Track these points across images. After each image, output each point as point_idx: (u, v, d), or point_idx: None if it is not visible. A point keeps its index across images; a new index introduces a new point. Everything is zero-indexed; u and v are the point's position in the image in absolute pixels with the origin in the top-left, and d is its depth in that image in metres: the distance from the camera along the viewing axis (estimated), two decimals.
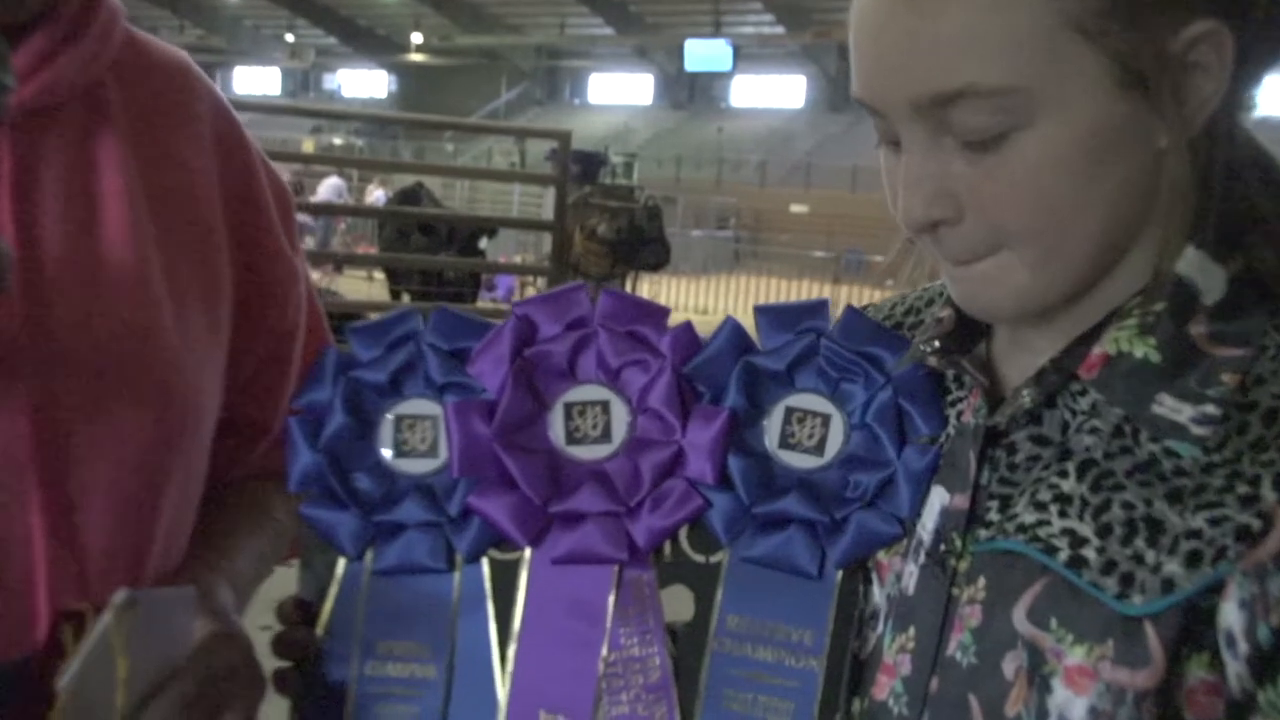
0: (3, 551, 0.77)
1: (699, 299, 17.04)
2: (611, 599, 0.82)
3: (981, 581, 0.73)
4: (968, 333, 0.81)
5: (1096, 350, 0.72)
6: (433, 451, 0.83)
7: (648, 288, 12.43)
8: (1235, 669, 0.65)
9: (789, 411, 0.82)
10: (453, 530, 0.82)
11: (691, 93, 39.39)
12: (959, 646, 0.73)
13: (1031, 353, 0.77)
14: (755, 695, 0.81)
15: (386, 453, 0.84)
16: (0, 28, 0.74)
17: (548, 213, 9.96)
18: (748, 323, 0.85)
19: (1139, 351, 0.71)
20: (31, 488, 0.78)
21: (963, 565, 0.75)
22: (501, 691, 0.81)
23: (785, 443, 0.82)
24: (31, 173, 0.80)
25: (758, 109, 38.36)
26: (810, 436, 0.82)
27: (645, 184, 15.70)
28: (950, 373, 0.82)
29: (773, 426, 0.82)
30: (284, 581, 0.90)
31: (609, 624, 0.81)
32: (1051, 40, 0.66)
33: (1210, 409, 0.68)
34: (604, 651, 0.81)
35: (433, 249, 10.45)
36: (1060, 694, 0.68)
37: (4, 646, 0.77)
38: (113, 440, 0.81)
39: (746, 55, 36.27)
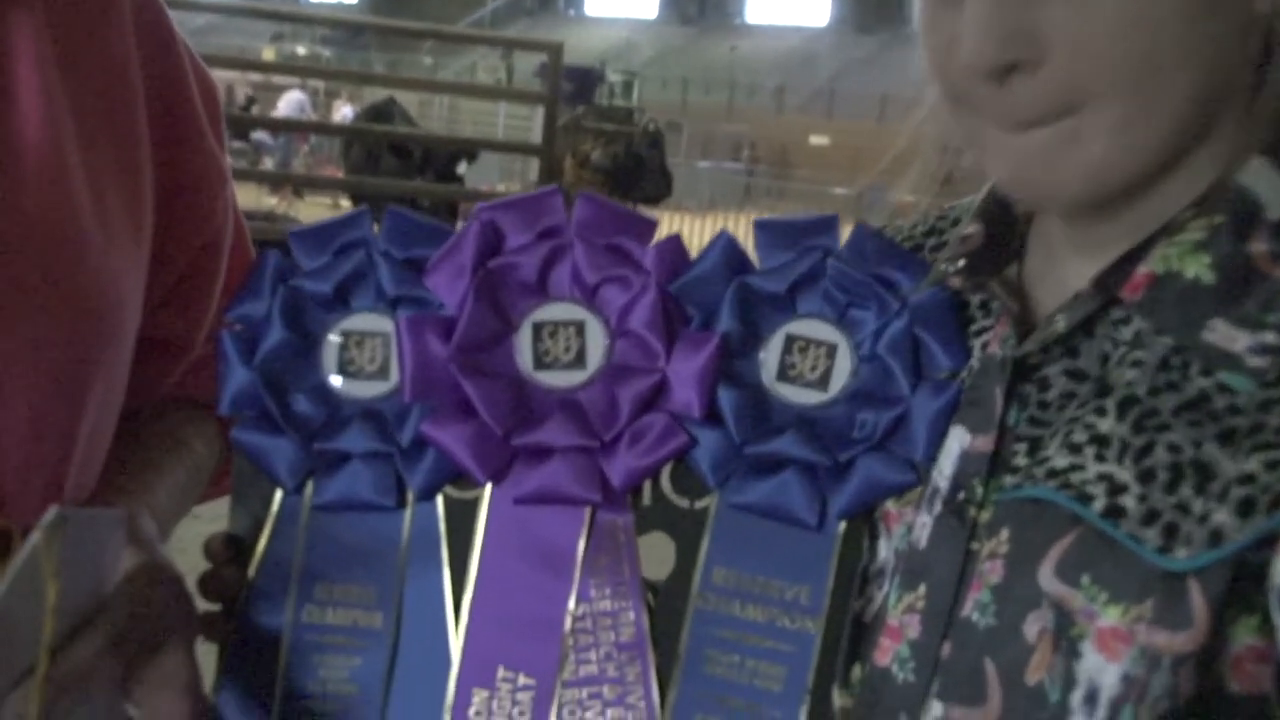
0: None
1: (704, 238, 16.93)
2: (581, 546, 0.81)
3: (1005, 533, 0.72)
4: (997, 252, 0.80)
5: (1142, 269, 0.70)
6: (383, 373, 0.82)
7: None
8: None
9: (789, 340, 0.81)
10: (404, 462, 0.81)
11: (702, 6, 39.18)
12: (976, 606, 0.73)
13: (1070, 274, 0.76)
14: (742, 659, 0.80)
15: (330, 373, 0.82)
16: None
17: (536, 136, 9.87)
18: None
19: (1190, 271, 0.69)
20: None
21: (984, 515, 0.74)
22: (455, 645, 0.80)
23: (784, 375, 0.81)
24: None
25: (776, 27, 38.15)
26: (813, 368, 0.81)
27: (647, 107, 15.60)
28: (975, 299, 0.81)
29: (770, 356, 0.81)
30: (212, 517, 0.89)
31: (578, 574, 0.80)
32: None
33: (1270, 338, 0.66)
34: (571, 604, 0.80)
35: (405, 173, 10.40)
36: (1090, 659, 0.67)
37: None
38: (30, 347, 0.80)
39: None
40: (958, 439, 0.77)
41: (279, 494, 0.83)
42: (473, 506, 0.82)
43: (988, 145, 0.73)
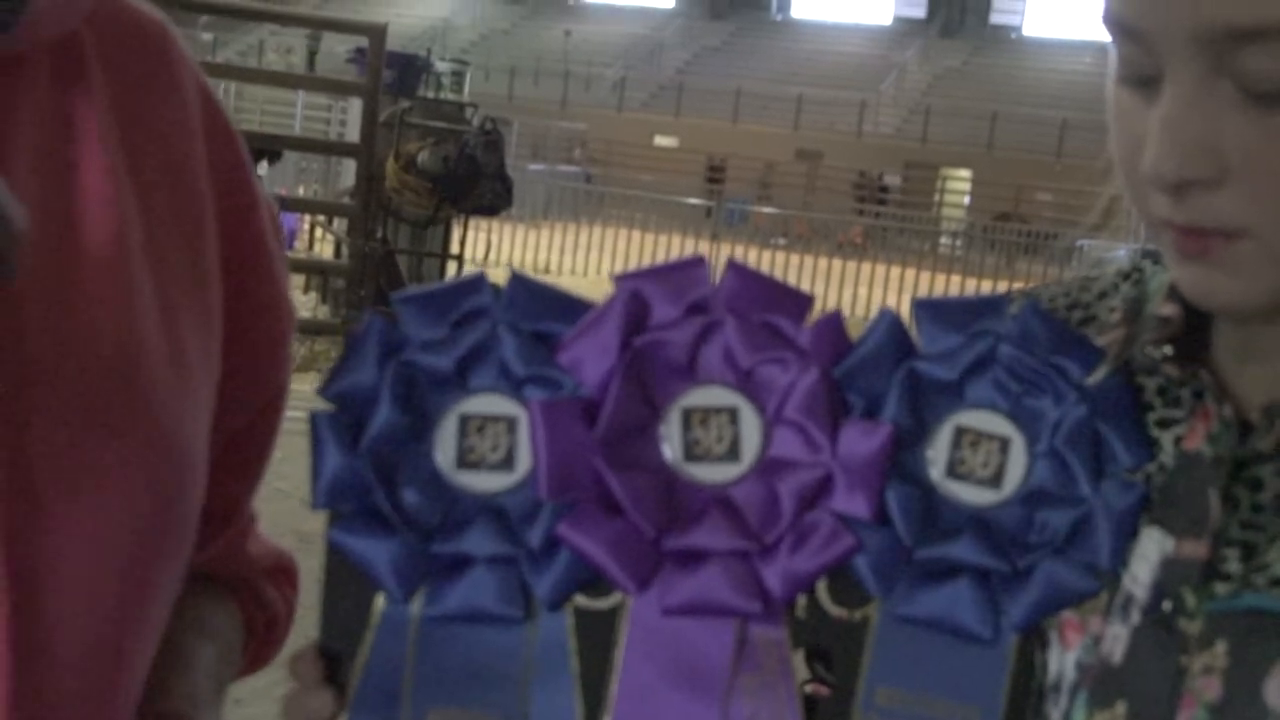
0: None
1: (540, 253, 17.06)
2: (732, 662, 0.82)
3: (1220, 647, 0.76)
4: (1197, 337, 0.84)
5: None
6: (507, 464, 0.83)
7: (478, 237, 12.34)
8: None
9: (959, 432, 0.84)
10: (531, 567, 0.82)
11: None
12: None
13: (1269, 363, 0.81)
14: None
15: (446, 462, 0.83)
16: None
17: (351, 134, 9.77)
18: (598, 292, 0.85)
19: None
20: None
21: (1194, 627, 0.78)
22: None
23: (953, 471, 0.84)
24: None
25: (616, 8, 38.46)
26: (984, 464, 0.84)
27: (476, 101, 15.57)
28: (1152, 384, 0.85)
29: (939, 450, 0.84)
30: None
31: (729, 695, 0.82)
32: None
33: None
34: None
35: None
36: None
37: None
38: (95, 487, 0.78)
39: None
40: (1155, 543, 0.81)
41: (380, 601, 0.83)
42: (608, 618, 0.83)
43: (1164, 244, 0.78)
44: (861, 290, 15.48)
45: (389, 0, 38.87)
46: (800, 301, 0.86)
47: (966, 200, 28.97)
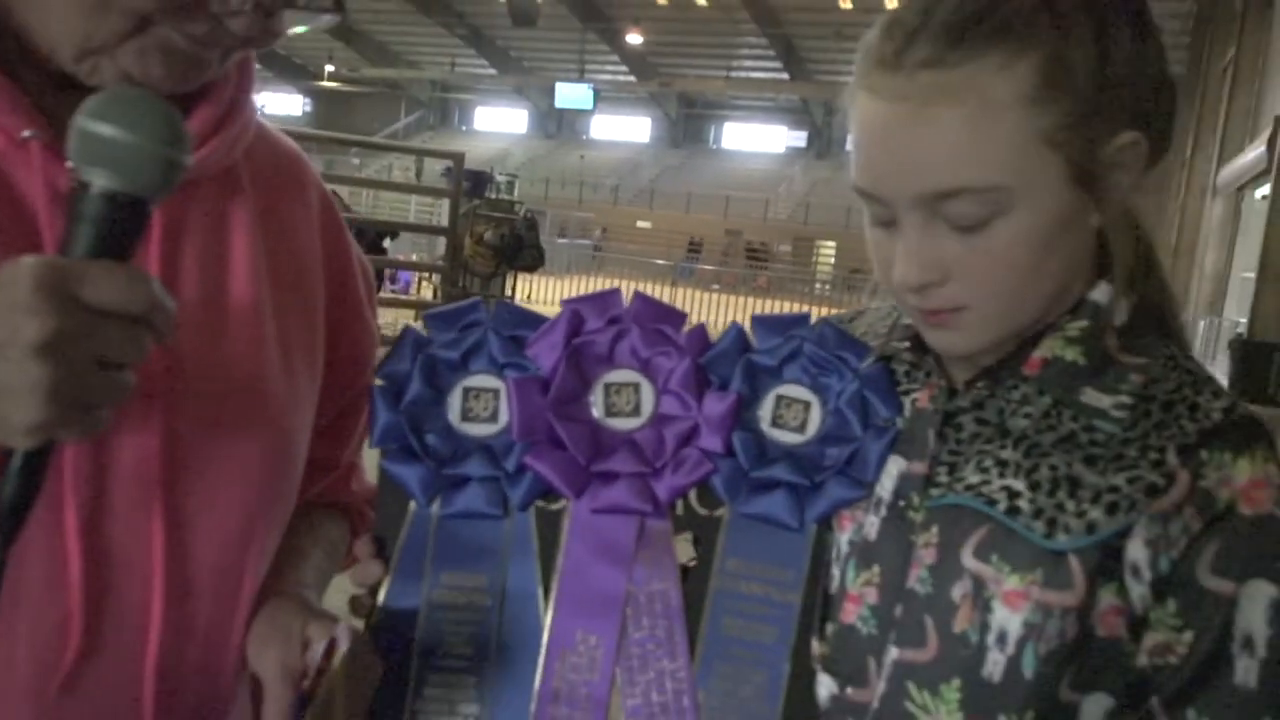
0: (126, 558, 0.73)
1: (564, 295, 17.01)
2: (634, 543, 0.82)
3: (935, 529, 0.77)
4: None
5: (1036, 354, 0.77)
6: (493, 418, 0.82)
7: (524, 285, 12.31)
8: (1139, 592, 0.71)
9: (778, 399, 0.84)
10: (508, 483, 0.81)
11: (559, 125, 39.24)
12: (917, 580, 0.77)
13: (966, 358, 0.81)
14: (748, 621, 0.82)
15: (456, 417, 0.82)
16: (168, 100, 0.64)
17: (443, 220, 9.76)
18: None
19: (1069, 356, 0.76)
20: (156, 500, 0.73)
21: (918, 517, 0.78)
22: (545, 617, 0.81)
23: (775, 423, 0.83)
24: (176, 232, 0.76)
25: (613, 141, 38.46)
26: (795, 418, 0.83)
27: (523, 200, 15.54)
28: (900, 369, 0.85)
29: (766, 410, 0.84)
30: None
31: (632, 564, 0.82)
32: (1028, 149, 0.70)
33: (1124, 399, 0.74)
34: (629, 585, 0.81)
35: None
36: (1000, 612, 0.73)
37: (121, 645, 0.73)
38: (227, 466, 0.77)
39: (605, 97, 36.30)
40: (896, 464, 0.81)
41: (412, 506, 0.82)
42: (557, 516, 0.82)
43: (914, 317, 0.79)
44: None
45: (469, 135, 38.79)
46: (678, 316, 0.85)
47: (832, 260, 28.92)
